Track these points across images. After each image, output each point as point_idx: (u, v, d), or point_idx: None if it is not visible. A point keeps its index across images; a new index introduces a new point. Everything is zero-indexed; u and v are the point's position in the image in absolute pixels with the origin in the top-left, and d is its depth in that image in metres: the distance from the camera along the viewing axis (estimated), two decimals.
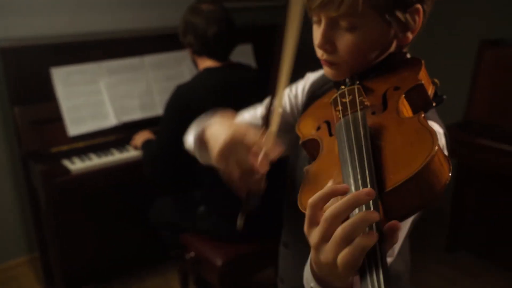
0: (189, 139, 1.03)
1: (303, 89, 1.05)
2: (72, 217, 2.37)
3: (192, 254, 1.93)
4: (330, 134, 0.75)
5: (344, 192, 0.56)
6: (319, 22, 0.82)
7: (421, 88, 0.73)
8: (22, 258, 2.57)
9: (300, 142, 0.81)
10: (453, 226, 2.77)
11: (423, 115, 0.65)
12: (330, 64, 0.84)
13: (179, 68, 2.44)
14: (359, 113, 0.70)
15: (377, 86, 0.78)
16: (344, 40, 0.79)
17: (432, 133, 0.60)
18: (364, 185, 0.56)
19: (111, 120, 2.20)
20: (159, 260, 2.66)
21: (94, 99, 2.19)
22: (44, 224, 2.17)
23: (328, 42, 0.81)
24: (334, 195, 0.56)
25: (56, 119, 2.10)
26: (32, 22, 2.28)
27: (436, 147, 0.57)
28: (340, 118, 0.72)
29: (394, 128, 0.66)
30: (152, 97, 2.33)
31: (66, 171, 1.99)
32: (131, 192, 2.46)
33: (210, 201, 1.95)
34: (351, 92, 0.76)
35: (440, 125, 0.81)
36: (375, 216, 0.52)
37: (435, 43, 0.76)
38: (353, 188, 0.57)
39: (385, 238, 0.52)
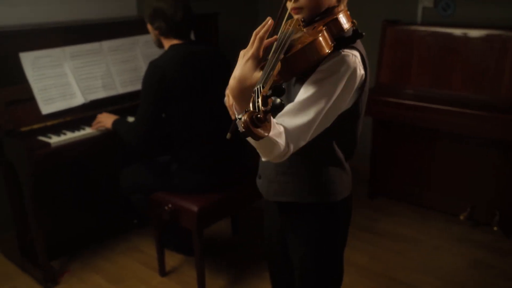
0: None
1: None
2: (49, 189, 2.55)
3: (170, 205, 2.23)
4: None
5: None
6: None
7: (336, 21, 1.17)
8: None
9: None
10: (372, 176, 3.33)
11: (324, 28, 1.12)
12: (298, 9, 1.23)
13: (133, 52, 2.71)
14: (291, 28, 1.18)
15: (316, 24, 1.22)
16: None
17: (321, 32, 1.09)
18: (277, 49, 1.04)
19: (79, 99, 2.42)
20: (125, 228, 2.90)
21: (62, 81, 2.39)
22: (26, 197, 2.30)
23: None
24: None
25: (28, 99, 2.27)
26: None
27: (319, 36, 1.07)
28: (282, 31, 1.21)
29: (307, 33, 1.13)
30: (112, 78, 2.58)
31: (46, 144, 2.19)
32: (99, 164, 2.68)
33: (180, 160, 2.28)
34: (292, 22, 1.25)
35: (359, 51, 1.21)
36: (266, 28, 1.09)
37: None
38: (272, 51, 1.06)
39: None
